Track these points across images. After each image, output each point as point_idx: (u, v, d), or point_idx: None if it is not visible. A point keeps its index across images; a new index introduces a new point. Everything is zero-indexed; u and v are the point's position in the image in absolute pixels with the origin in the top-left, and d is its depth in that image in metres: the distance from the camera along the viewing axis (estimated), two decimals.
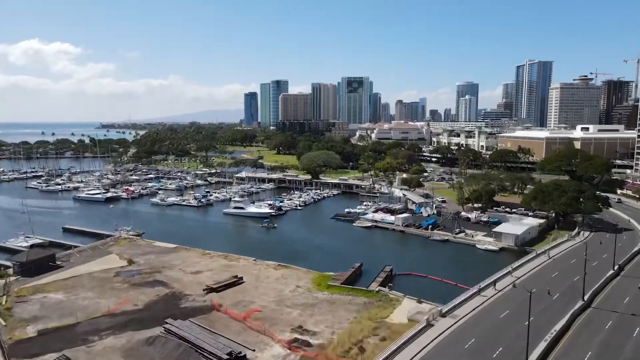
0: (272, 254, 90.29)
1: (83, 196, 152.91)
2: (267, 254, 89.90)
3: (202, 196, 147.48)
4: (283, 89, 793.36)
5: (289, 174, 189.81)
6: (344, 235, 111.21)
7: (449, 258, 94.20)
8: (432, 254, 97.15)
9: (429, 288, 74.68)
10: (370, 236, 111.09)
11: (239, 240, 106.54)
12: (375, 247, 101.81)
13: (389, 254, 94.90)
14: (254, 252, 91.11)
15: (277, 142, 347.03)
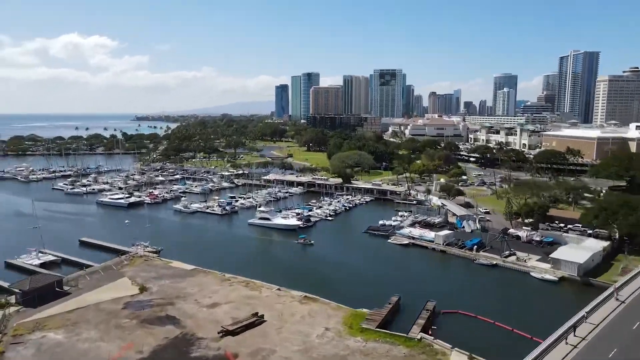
0: (299, 280, 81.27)
1: (106, 201, 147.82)
2: (293, 280, 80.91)
3: (227, 203, 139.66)
4: (314, 81, 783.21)
5: (319, 177, 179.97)
6: (379, 254, 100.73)
7: (499, 289, 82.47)
8: (479, 282, 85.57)
9: (480, 333, 63.79)
10: (408, 256, 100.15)
11: (264, 259, 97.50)
12: (414, 272, 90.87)
13: (429, 281, 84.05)
14: (279, 276, 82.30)
15: (307, 139, 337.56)
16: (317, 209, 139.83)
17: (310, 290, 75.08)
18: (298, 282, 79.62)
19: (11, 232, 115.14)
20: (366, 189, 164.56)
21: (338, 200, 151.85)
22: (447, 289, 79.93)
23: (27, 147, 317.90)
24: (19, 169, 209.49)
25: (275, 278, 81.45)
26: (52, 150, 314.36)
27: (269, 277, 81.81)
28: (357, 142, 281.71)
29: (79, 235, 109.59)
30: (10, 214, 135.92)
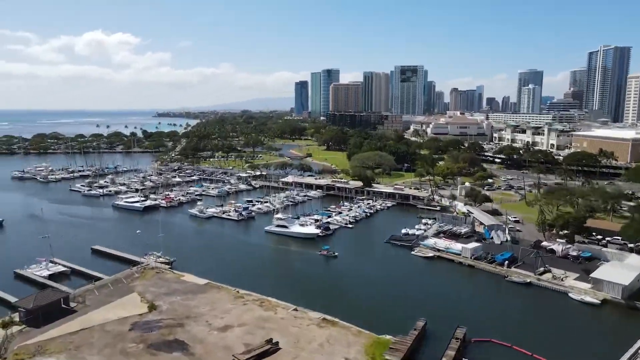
0: (317, 297, 76.33)
1: (122, 204, 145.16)
2: (311, 297, 75.99)
3: (244, 208, 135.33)
4: (334, 78, 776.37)
5: (339, 180, 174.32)
6: (402, 268, 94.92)
7: (535, 312, 75.76)
8: (512, 303, 79.04)
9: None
10: (433, 271, 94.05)
11: (281, 272, 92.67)
12: (440, 290, 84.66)
13: (457, 302, 77.80)
14: (296, 292, 77.74)
15: (327, 138, 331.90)
16: (336, 215, 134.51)
17: (329, 310, 70.05)
18: (316, 299, 74.69)
19: (24, 238, 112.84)
20: (387, 194, 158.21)
21: (358, 206, 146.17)
22: (478, 312, 73.72)
23: (48, 146, 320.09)
24: (39, 168, 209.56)
25: (292, 294, 76.71)
26: (72, 148, 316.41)
27: (286, 293, 76.98)
28: (378, 142, 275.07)
29: (92, 242, 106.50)
30: (25, 218, 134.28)
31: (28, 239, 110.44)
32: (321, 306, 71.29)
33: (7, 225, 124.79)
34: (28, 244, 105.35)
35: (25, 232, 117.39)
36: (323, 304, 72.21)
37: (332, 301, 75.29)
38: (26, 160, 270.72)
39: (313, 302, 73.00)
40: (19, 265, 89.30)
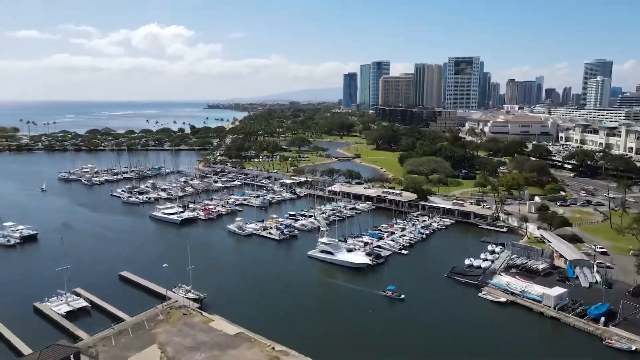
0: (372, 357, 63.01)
1: (159, 216, 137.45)
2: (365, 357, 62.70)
3: (285, 226, 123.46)
4: (384, 70, 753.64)
5: (391, 192, 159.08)
6: (468, 314, 79.52)
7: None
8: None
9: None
10: (506, 323, 77.96)
11: (327, 316, 79.64)
12: (517, 351, 68.75)
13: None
14: (347, 350, 64.84)
15: (376, 136, 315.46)
16: (388, 236, 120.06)
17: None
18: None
19: (53, 255, 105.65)
20: (445, 210, 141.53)
21: (413, 224, 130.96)
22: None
23: (98, 142, 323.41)
24: (84, 169, 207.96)
25: (342, 353, 63.80)
26: (121, 145, 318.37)
27: (334, 351, 64.19)
28: (432, 144, 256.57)
29: (121, 265, 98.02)
30: (60, 229, 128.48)
31: (57, 257, 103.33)
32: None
33: (41, 238, 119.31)
34: (55, 265, 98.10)
35: (55, 249, 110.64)
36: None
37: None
38: (76, 158, 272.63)
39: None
40: (38, 297, 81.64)
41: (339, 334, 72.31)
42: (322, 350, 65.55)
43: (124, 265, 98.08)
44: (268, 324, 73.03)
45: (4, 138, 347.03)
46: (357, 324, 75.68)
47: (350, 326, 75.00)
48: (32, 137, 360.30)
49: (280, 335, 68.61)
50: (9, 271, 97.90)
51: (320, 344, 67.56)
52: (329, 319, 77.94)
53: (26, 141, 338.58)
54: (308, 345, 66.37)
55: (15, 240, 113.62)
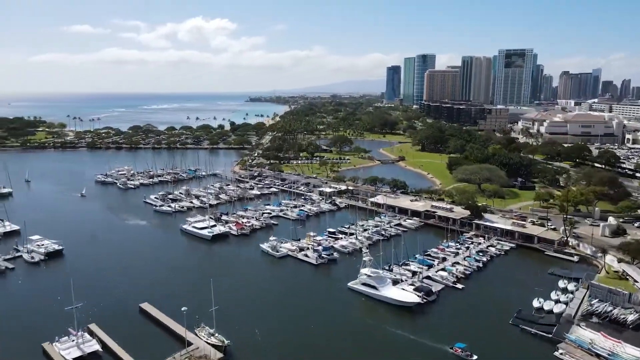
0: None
1: (189, 230, 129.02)
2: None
3: (323, 249, 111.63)
4: (429, 64, 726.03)
5: (441, 207, 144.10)
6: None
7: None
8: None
9: None
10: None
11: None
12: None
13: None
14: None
15: (422, 137, 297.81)
16: (439, 263, 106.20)
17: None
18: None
19: (74, 278, 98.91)
20: (504, 231, 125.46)
21: (467, 247, 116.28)
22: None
23: (138, 140, 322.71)
24: (121, 172, 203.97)
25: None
26: (161, 143, 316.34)
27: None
28: (483, 147, 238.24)
29: (144, 292, 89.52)
30: (86, 244, 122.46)
31: (76, 281, 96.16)
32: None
33: (67, 254, 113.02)
34: (73, 293, 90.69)
35: (79, 268, 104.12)
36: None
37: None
38: (116, 157, 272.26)
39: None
40: (53, 329, 74.09)
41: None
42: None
43: (147, 293, 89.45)
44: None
45: (51, 134, 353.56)
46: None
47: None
48: (78, 134, 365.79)
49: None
50: (25, 297, 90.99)
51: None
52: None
53: (71, 138, 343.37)
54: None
55: (39, 257, 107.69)
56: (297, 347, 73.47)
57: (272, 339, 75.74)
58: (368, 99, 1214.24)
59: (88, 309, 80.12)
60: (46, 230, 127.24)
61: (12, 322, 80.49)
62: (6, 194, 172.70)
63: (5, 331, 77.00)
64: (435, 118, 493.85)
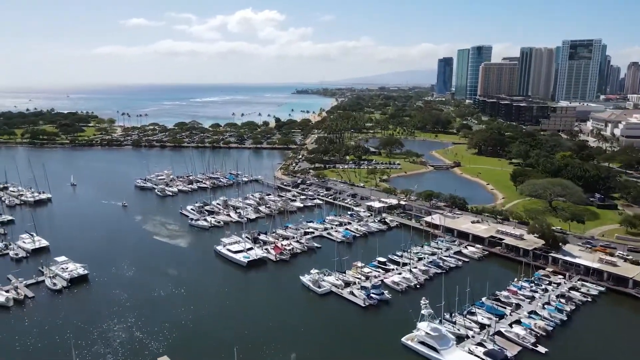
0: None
1: (223, 252, 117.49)
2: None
3: (373, 287, 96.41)
4: (485, 56, 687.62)
5: (508, 231, 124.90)
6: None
7: None
8: None
9: None
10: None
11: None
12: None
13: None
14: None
15: (479, 140, 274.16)
16: (511, 312, 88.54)
17: None
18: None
19: (78, 333, 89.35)
20: (588, 268, 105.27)
21: (543, 288, 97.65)
22: None
23: (182, 139, 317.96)
24: (160, 176, 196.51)
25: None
26: (205, 141, 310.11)
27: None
28: (550, 154, 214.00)
29: (166, 339, 78.24)
30: (111, 268, 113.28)
31: (90, 323, 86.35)
32: None
33: (92, 279, 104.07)
34: (82, 337, 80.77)
35: (99, 301, 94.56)
36: None
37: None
38: (158, 157, 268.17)
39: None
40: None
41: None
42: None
43: (169, 339, 78.17)
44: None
45: (99, 131, 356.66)
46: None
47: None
48: (125, 130, 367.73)
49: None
50: (32, 343, 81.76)
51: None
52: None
53: (118, 135, 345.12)
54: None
55: (62, 284, 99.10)
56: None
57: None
58: (417, 91, 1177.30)
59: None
60: (76, 247, 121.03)
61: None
62: (45, 200, 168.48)
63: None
64: (491, 116, 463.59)
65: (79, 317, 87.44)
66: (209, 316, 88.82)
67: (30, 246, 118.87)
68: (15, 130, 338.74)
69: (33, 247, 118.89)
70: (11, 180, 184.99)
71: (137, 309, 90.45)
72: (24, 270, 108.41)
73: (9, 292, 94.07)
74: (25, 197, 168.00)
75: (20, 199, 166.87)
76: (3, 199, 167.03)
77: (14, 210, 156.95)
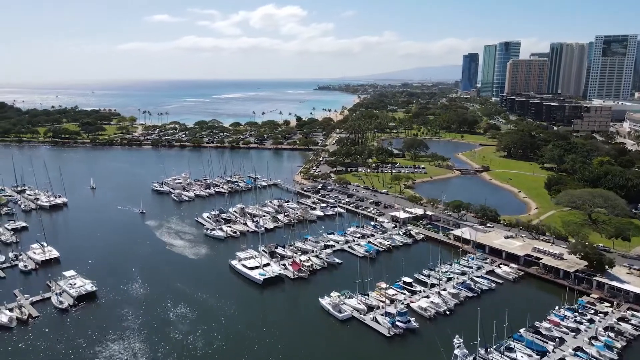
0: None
1: (238, 268, 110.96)
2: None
3: (398, 313, 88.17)
4: (513, 52, 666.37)
5: (545, 249, 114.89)
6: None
7: None
8: None
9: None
10: None
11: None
12: None
13: None
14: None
15: (509, 142, 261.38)
16: (554, 348, 79.29)
17: None
18: None
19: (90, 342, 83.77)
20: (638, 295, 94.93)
21: (589, 321, 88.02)
22: None
23: (201, 139, 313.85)
24: (177, 180, 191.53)
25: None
26: (224, 142, 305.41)
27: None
28: (586, 159, 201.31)
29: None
30: (120, 285, 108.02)
31: (92, 348, 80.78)
32: None
33: (100, 296, 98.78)
34: None
35: (103, 321, 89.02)
36: None
37: None
38: (178, 158, 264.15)
39: None
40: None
41: None
42: None
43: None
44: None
45: (120, 130, 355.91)
46: None
47: None
48: (146, 128, 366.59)
49: None
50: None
51: None
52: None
53: (138, 133, 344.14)
54: None
55: (68, 302, 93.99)
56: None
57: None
58: (441, 88, 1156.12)
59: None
60: (87, 259, 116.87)
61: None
62: (60, 204, 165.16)
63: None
64: (519, 115, 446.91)
65: (83, 340, 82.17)
66: (220, 341, 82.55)
67: (40, 257, 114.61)
68: (39, 129, 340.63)
69: (43, 258, 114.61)
70: (30, 182, 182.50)
71: (146, 331, 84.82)
72: (31, 283, 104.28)
73: (13, 311, 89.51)
74: (41, 201, 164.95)
75: (36, 203, 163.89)
76: (19, 203, 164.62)
77: (29, 216, 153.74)
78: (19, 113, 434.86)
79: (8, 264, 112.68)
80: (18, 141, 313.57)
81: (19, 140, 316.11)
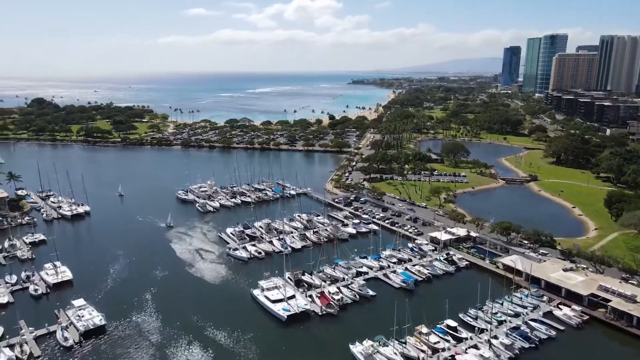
0: None
1: (260, 299, 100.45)
2: None
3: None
4: (559, 46, 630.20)
5: (614, 290, 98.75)
6: None
7: None
8: None
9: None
10: None
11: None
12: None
13: None
14: None
15: (559, 147, 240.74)
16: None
17: None
18: None
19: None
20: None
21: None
22: None
23: (230, 139, 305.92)
24: (202, 188, 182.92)
25: None
26: (254, 142, 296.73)
27: None
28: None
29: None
30: (130, 316, 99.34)
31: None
32: None
33: (109, 331, 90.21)
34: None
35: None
36: None
37: None
38: (206, 161, 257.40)
39: None
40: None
41: None
42: None
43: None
44: None
45: (151, 128, 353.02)
46: None
47: None
48: (177, 127, 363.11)
49: None
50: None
51: None
52: None
53: (169, 132, 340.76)
54: None
55: (74, 339, 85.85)
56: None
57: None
58: (480, 82, 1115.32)
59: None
60: (100, 283, 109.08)
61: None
62: (82, 214, 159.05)
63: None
64: (567, 114, 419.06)
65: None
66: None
67: (52, 279, 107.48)
68: (72, 127, 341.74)
69: (55, 280, 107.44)
70: (55, 187, 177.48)
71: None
72: (40, 311, 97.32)
73: (14, 349, 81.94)
74: (63, 210, 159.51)
75: (59, 212, 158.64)
76: (42, 212, 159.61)
77: (50, 227, 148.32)
78: (57, 109, 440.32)
79: (19, 286, 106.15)
80: (52, 140, 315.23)
81: (53, 138, 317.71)
